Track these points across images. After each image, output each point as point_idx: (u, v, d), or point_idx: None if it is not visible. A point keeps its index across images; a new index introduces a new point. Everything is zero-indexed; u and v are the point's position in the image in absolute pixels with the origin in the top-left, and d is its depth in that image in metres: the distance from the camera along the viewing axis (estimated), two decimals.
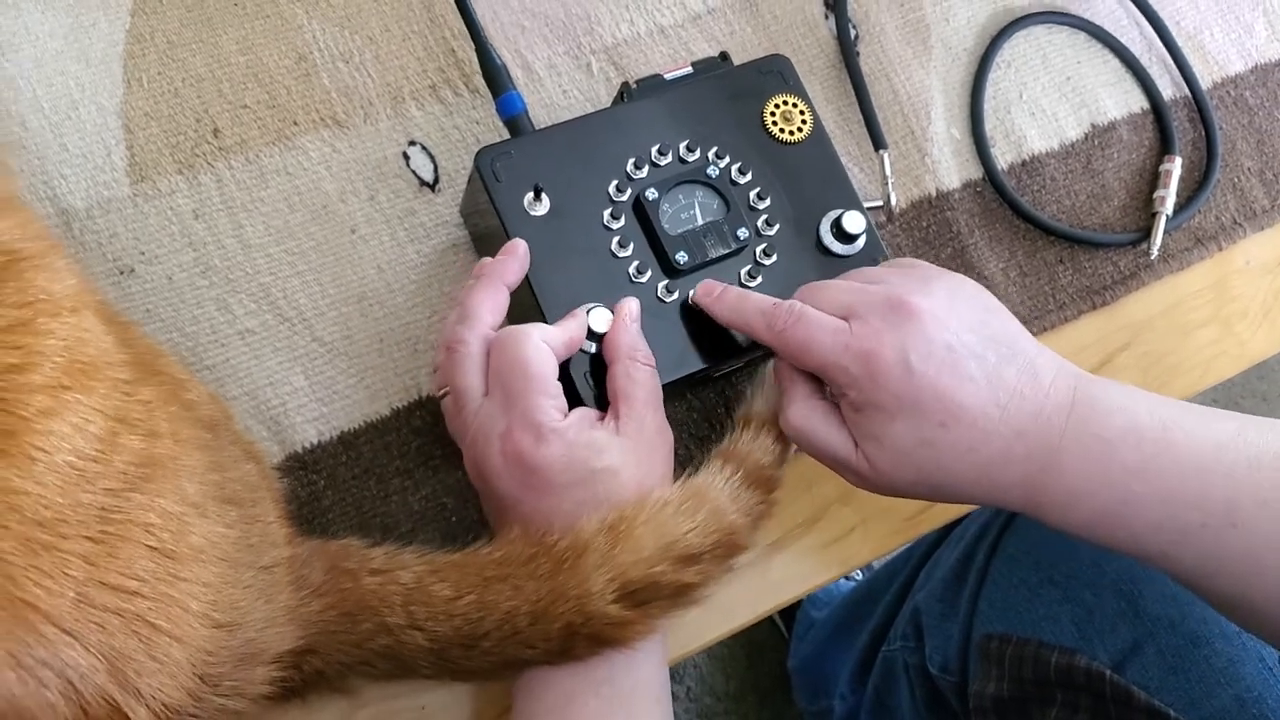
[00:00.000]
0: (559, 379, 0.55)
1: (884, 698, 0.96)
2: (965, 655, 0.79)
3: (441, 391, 0.57)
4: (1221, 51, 0.82)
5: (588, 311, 0.57)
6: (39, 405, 0.34)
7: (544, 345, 0.54)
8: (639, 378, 0.56)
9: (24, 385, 0.35)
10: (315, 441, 0.61)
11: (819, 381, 0.56)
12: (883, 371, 0.51)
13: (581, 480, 0.53)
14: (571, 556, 0.50)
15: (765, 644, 1.39)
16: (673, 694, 1.42)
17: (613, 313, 0.58)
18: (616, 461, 0.54)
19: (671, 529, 0.51)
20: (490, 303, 0.56)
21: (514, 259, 0.57)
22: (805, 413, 0.56)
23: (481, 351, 0.55)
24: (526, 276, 0.58)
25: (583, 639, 0.50)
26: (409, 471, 0.61)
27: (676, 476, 0.57)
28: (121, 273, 0.60)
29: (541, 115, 0.68)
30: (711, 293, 0.59)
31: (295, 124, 0.65)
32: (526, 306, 0.59)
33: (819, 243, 0.63)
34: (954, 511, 0.68)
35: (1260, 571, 0.50)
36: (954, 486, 0.53)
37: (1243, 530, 0.50)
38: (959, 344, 0.52)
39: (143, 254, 0.61)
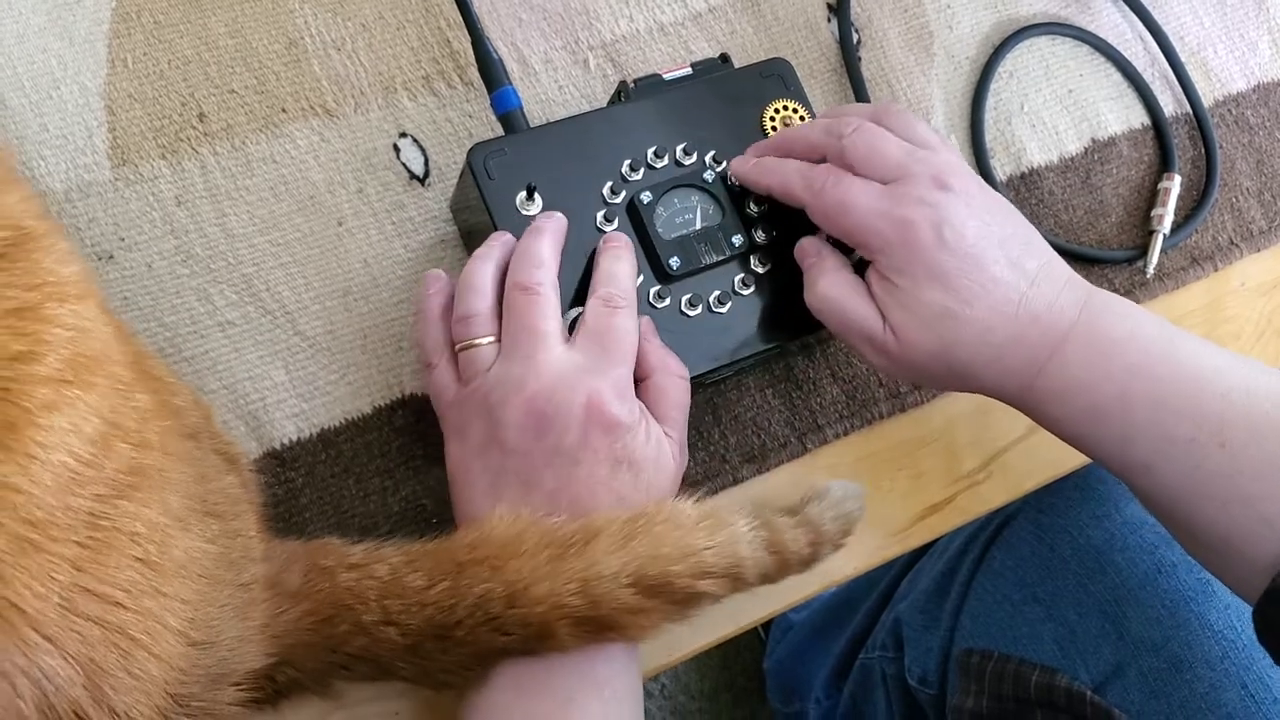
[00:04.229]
0: None
1: (860, 705, 0.95)
2: (945, 669, 0.79)
3: (489, 339, 0.55)
4: (1224, 69, 0.81)
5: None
6: (41, 398, 0.33)
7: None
8: (674, 395, 0.56)
9: (29, 375, 0.33)
10: (294, 438, 0.59)
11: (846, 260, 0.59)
12: (916, 239, 0.53)
13: (639, 461, 0.53)
14: (580, 540, 0.49)
15: (741, 643, 1.38)
16: (646, 691, 1.42)
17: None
18: (663, 460, 0.54)
19: (691, 541, 0.50)
20: (556, 254, 0.56)
21: (555, 220, 0.57)
22: (837, 282, 0.57)
23: (556, 297, 0.55)
24: None
25: (570, 623, 0.48)
26: (389, 471, 0.60)
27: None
28: (100, 259, 0.59)
29: (536, 111, 0.67)
30: (746, 162, 0.60)
31: (284, 111, 0.63)
32: None
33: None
34: (940, 529, 0.67)
35: (1243, 500, 0.51)
36: (969, 366, 0.55)
37: (1230, 453, 0.51)
38: (986, 230, 0.54)
39: (122, 240, 0.59)
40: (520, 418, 0.52)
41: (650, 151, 0.61)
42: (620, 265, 0.57)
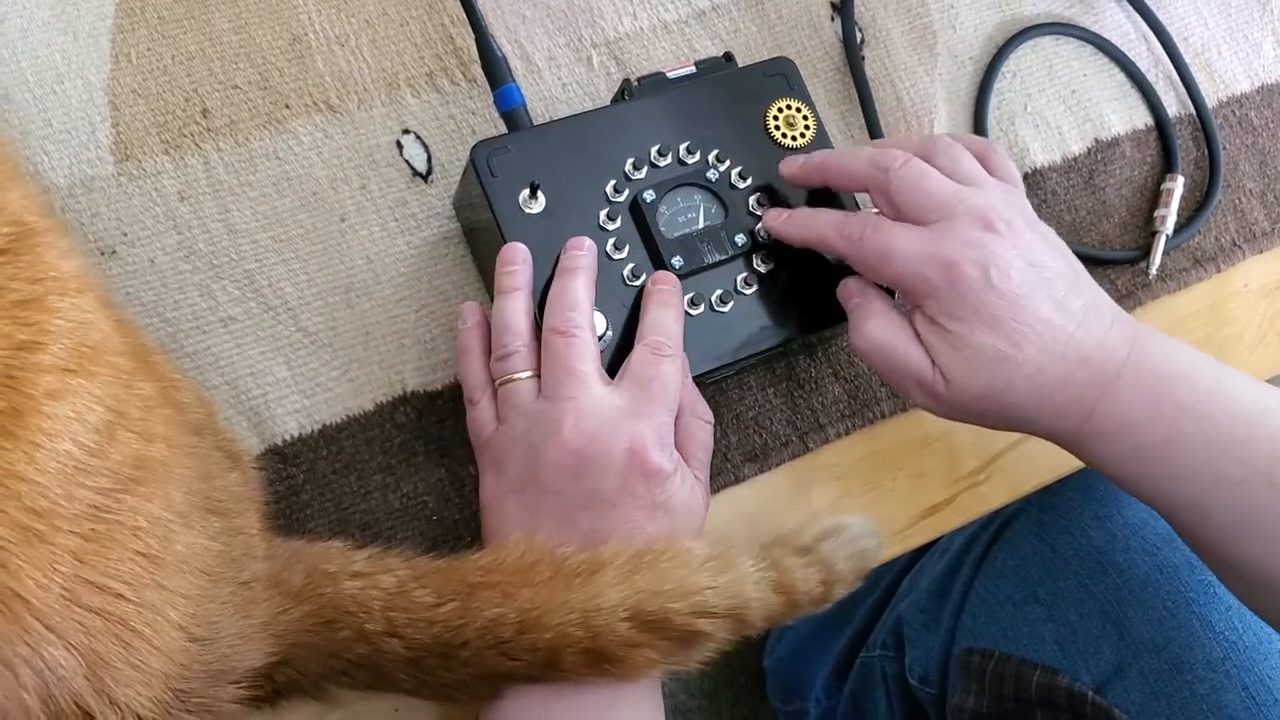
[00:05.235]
0: None
1: (860, 704, 0.95)
2: (946, 668, 0.79)
3: (527, 374, 0.55)
4: (1228, 70, 0.81)
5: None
6: (46, 386, 0.33)
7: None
8: (701, 438, 0.57)
9: (34, 364, 0.34)
10: (296, 434, 0.59)
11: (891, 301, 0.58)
12: (963, 281, 0.53)
13: (676, 508, 0.54)
14: (585, 572, 0.49)
15: (741, 641, 1.38)
16: None
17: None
18: (695, 504, 0.55)
19: (694, 580, 0.50)
20: (590, 292, 0.56)
21: (586, 253, 0.57)
22: (884, 324, 0.56)
23: (593, 338, 0.55)
24: None
25: (574, 653, 0.48)
26: (390, 468, 0.60)
27: None
28: (103, 254, 0.59)
29: (539, 108, 0.67)
30: (779, 216, 0.60)
31: (287, 107, 0.63)
32: None
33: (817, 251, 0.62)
34: (941, 528, 0.67)
35: None
36: (1017, 407, 0.54)
37: None
38: (1032, 271, 0.53)
39: (125, 235, 0.59)
40: (559, 458, 0.53)
41: (653, 150, 0.61)
42: (668, 313, 0.57)
